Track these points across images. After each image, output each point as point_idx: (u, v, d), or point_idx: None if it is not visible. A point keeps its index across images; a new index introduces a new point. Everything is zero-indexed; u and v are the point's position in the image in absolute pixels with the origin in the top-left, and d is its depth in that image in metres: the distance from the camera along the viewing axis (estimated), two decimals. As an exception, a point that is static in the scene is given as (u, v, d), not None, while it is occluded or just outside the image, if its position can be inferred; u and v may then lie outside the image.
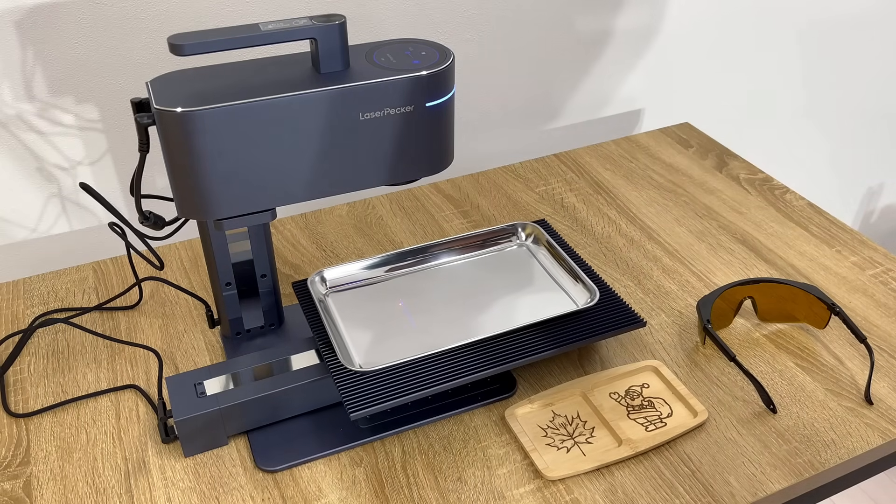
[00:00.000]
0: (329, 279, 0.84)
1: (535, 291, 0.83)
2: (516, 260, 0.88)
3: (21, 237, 1.00)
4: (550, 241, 0.88)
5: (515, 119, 1.24)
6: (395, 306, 0.81)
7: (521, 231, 0.90)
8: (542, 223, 0.92)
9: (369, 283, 0.85)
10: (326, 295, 0.83)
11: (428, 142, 0.73)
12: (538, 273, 0.86)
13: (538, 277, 0.85)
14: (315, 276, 0.83)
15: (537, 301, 0.82)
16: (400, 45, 0.74)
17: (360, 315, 0.80)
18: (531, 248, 0.89)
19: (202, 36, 0.64)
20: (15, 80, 0.90)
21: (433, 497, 0.69)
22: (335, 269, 0.84)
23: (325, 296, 0.83)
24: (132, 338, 0.86)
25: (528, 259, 0.88)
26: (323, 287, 0.83)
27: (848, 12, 1.46)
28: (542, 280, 0.85)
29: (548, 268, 0.86)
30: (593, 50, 1.23)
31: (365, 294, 0.83)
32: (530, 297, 0.82)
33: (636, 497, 0.69)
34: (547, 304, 0.81)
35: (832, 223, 1.03)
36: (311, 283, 0.82)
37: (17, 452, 0.74)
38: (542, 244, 0.89)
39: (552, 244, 0.87)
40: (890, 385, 0.79)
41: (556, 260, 0.86)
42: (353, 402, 0.69)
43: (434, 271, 0.86)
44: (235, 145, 0.66)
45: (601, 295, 0.81)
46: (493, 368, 0.73)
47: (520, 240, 0.90)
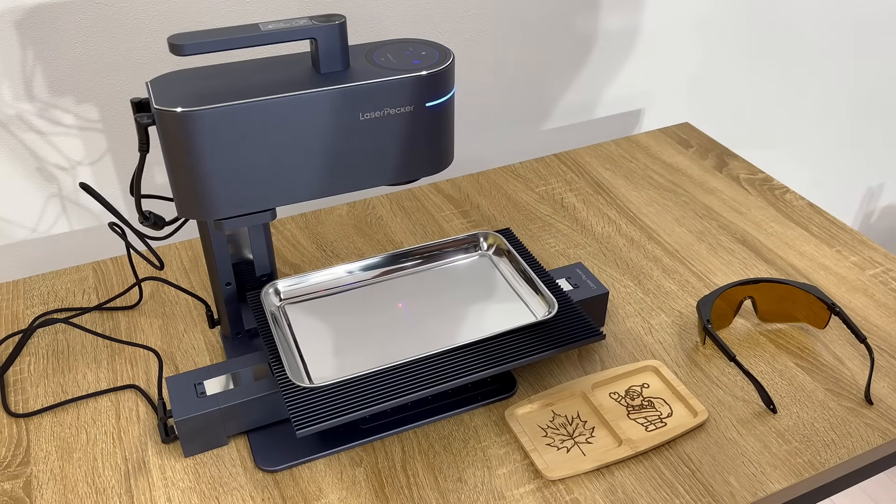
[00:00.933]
0: (285, 290, 0.82)
1: (494, 303, 0.81)
2: (478, 270, 0.85)
3: (21, 237, 1.00)
4: (512, 251, 0.85)
5: (515, 119, 1.24)
6: (352, 317, 0.79)
7: (483, 241, 0.88)
8: (506, 232, 0.89)
9: (328, 294, 0.82)
10: (282, 307, 0.81)
11: (428, 142, 0.73)
12: (499, 284, 0.83)
13: (499, 288, 0.83)
14: (269, 287, 0.81)
15: (496, 313, 0.80)
16: (400, 45, 0.74)
17: (316, 327, 0.78)
18: (493, 258, 0.87)
19: (202, 36, 0.64)
20: (15, 80, 0.90)
21: (433, 497, 0.69)
22: (291, 280, 0.82)
23: (279, 308, 0.81)
24: (132, 338, 0.86)
25: (489, 269, 0.85)
26: (277, 299, 0.81)
27: (848, 12, 1.46)
28: (502, 291, 0.82)
29: (509, 278, 0.84)
30: (593, 50, 1.23)
31: (323, 305, 0.81)
32: (489, 308, 0.80)
33: (636, 497, 0.69)
34: (506, 316, 0.79)
35: (832, 223, 1.03)
36: (263, 294, 0.80)
37: (17, 452, 0.74)
38: (504, 254, 0.86)
39: (513, 254, 0.85)
40: (890, 385, 0.79)
41: (517, 270, 0.84)
42: (301, 418, 0.67)
43: (394, 282, 0.84)
44: (235, 145, 0.66)
45: (560, 307, 0.78)
46: (447, 383, 0.70)
47: (482, 250, 0.88)
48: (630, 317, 0.88)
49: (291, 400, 0.68)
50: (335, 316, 0.80)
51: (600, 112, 1.31)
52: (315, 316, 0.80)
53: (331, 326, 0.78)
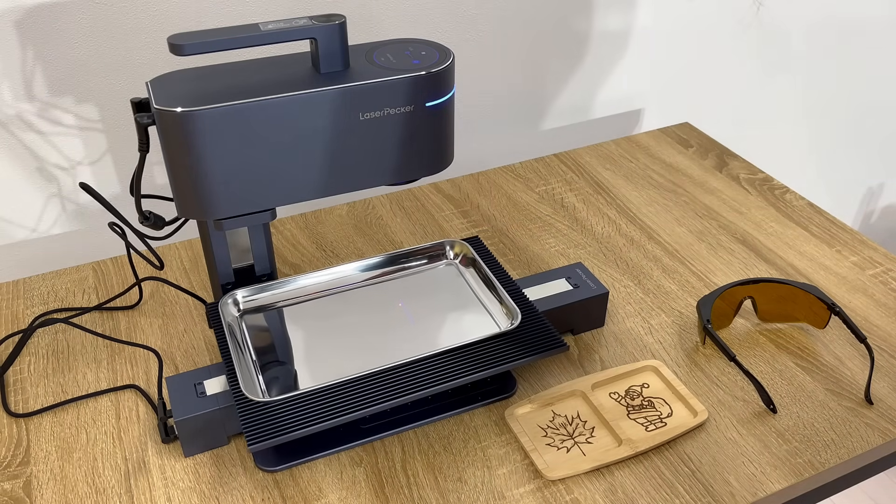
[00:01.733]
0: (245, 300, 0.80)
1: (459, 313, 0.79)
2: (444, 279, 0.84)
3: (21, 237, 1.00)
4: (478, 261, 0.84)
5: (515, 119, 1.24)
6: (313, 329, 0.77)
7: (449, 249, 0.86)
8: (474, 240, 0.87)
9: (289, 304, 0.81)
10: (241, 317, 0.79)
11: (428, 142, 0.73)
12: (464, 293, 0.82)
13: (464, 298, 0.81)
14: (227, 297, 0.79)
15: (460, 323, 0.78)
16: (400, 45, 0.74)
17: (274, 339, 0.77)
18: (460, 267, 0.85)
19: (202, 36, 0.65)
20: (15, 80, 0.90)
21: (433, 497, 0.69)
22: (251, 290, 0.80)
23: (238, 318, 0.79)
24: (132, 338, 0.86)
25: (455, 279, 0.84)
26: (236, 309, 0.79)
27: (848, 13, 1.46)
28: (467, 301, 0.81)
29: (474, 288, 0.82)
30: (594, 49, 1.23)
31: (283, 316, 0.79)
32: (453, 318, 0.79)
33: (636, 497, 0.69)
34: (470, 327, 0.78)
35: (832, 223, 1.03)
36: (222, 305, 0.78)
37: (17, 452, 0.74)
38: (471, 263, 0.85)
39: (479, 263, 0.84)
40: (890, 385, 0.79)
41: (482, 280, 0.83)
42: (254, 433, 0.66)
43: (359, 291, 0.83)
44: (235, 145, 0.66)
45: (523, 317, 0.77)
46: (405, 396, 0.69)
47: (449, 258, 0.86)
48: (630, 317, 0.88)
49: (245, 414, 0.67)
50: (295, 327, 0.78)
51: (600, 112, 1.31)
52: (274, 327, 0.78)
53: (290, 338, 0.77)
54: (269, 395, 0.71)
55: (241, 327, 0.78)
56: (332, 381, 0.70)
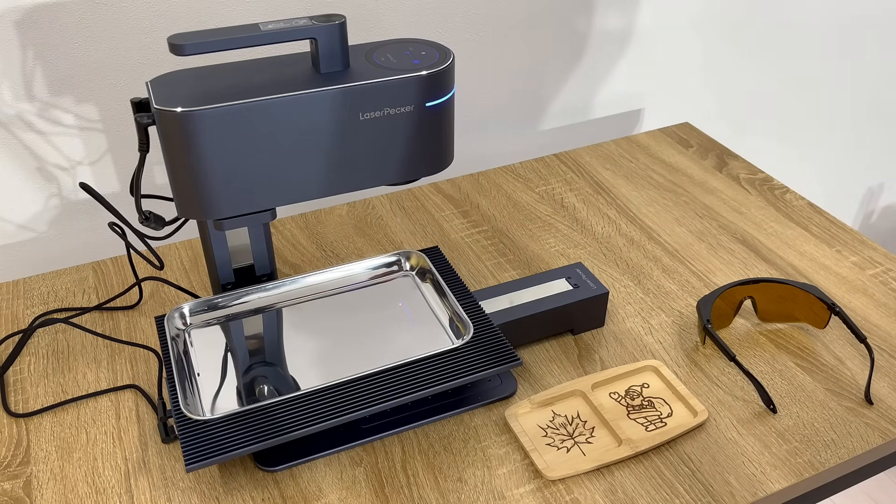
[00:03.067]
0: (193, 313, 0.79)
1: (412, 326, 0.78)
2: (400, 291, 0.83)
3: (21, 237, 1.00)
4: (433, 272, 0.83)
5: (515, 119, 1.24)
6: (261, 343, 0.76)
7: (404, 261, 0.86)
8: (434, 251, 0.87)
9: (238, 318, 0.80)
10: (188, 330, 0.78)
11: (428, 142, 0.73)
12: (419, 306, 0.81)
13: (418, 311, 0.80)
14: (174, 311, 0.77)
15: (412, 337, 0.77)
16: (400, 45, 0.74)
17: (221, 353, 0.75)
18: (416, 279, 0.84)
19: (202, 36, 0.65)
20: (15, 80, 0.90)
21: (433, 497, 0.69)
22: (199, 302, 0.79)
23: (185, 331, 0.78)
24: (132, 338, 0.86)
25: (411, 291, 0.83)
26: (181, 322, 0.78)
27: (848, 13, 1.46)
28: (422, 314, 0.80)
29: (430, 300, 0.81)
30: (594, 49, 1.23)
31: (232, 330, 0.78)
32: (406, 332, 0.78)
33: (636, 497, 0.69)
34: (422, 341, 0.77)
35: (832, 223, 1.03)
36: (168, 318, 0.77)
37: (17, 452, 0.74)
38: (427, 275, 0.84)
39: (435, 276, 0.83)
40: (890, 385, 0.79)
41: (437, 292, 0.82)
42: (193, 452, 0.65)
43: (312, 304, 0.81)
44: (235, 145, 0.66)
45: (477, 331, 0.76)
46: (351, 414, 0.68)
47: (405, 270, 0.85)
48: (630, 317, 0.88)
49: (185, 433, 0.66)
50: (243, 341, 0.77)
51: (600, 112, 1.31)
52: (221, 341, 0.77)
53: (237, 353, 0.76)
54: (212, 412, 0.70)
55: (186, 342, 0.77)
56: (273, 400, 0.69)
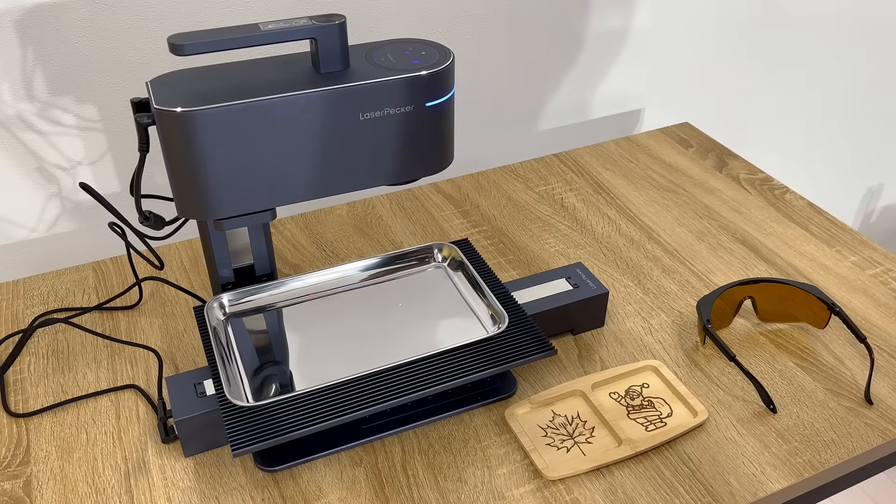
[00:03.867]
0: (231, 304, 0.80)
1: (447, 316, 0.79)
2: (432, 283, 0.83)
3: (21, 237, 1.00)
4: (465, 264, 0.84)
5: (515, 119, 1.24)
6: (299, 332, 0.77)
7: (437, 252, 0.86)
8: (463, 243, 0.87)
9: (276, 308, 0.80)
10: (227, 321, 0.79)
11: (428, 142, 0.73)
12: (452, 297, 0.81)
13: (452, 301, 0.81)
14: (213, 301, 0.79)
15: (447, 327, 0.78)
16: (400, 45, 0.74)
17: (260, 343, 0.76)
18: (448, 270, 0.85)
19: (202, 36, 0.64)
20: (15, 79, 0.90)
21: (433, 497, 0.69)
22: (237, 294, 0.80)
23: (224, 321, 0.78)
24: (132, 338, 0.86)
25: (443, 282, 0.83)
26: (221, 313, 0.79)
27: (848, 13, 1.46)
28: (455, 304, 0.80)
29: (462, 291, 0.82)
30: (593, 50, 1.23)
31: (269, 320, 0.79)
32: (441, 322, 0.78)
33: (636, 497, 0.69)
34: (457, 330, 0.77)
35: (832, 223, 1.03)
36: (207, 309, 0.78)
37: (17, 452, 0.74)
38: (459, 266, 0.85)
39: (467, 266, 0.83)
40: (890, 385, 0.79)
41: (470, 283, 0.83)
42: (238, 438, 0.66)
43: (346, 295, 0.82)
44: (235, 145, 0.66)
45: (512, 321, 0.77)
46: (388, 402, 0.69)
47: (436, 261, 0.86)
48: (630, 317, 0.88)
49: (230, 419, 0.67)
50: (281, 331, 0.78)
51: (600, 112, 1.31)
52: (260, 331, 0.78)
53: (276, 342, 0.77)
54: (254, 399, 0.71)
55: (227, 331, 0.78)
56: (316, 386, 0.70)
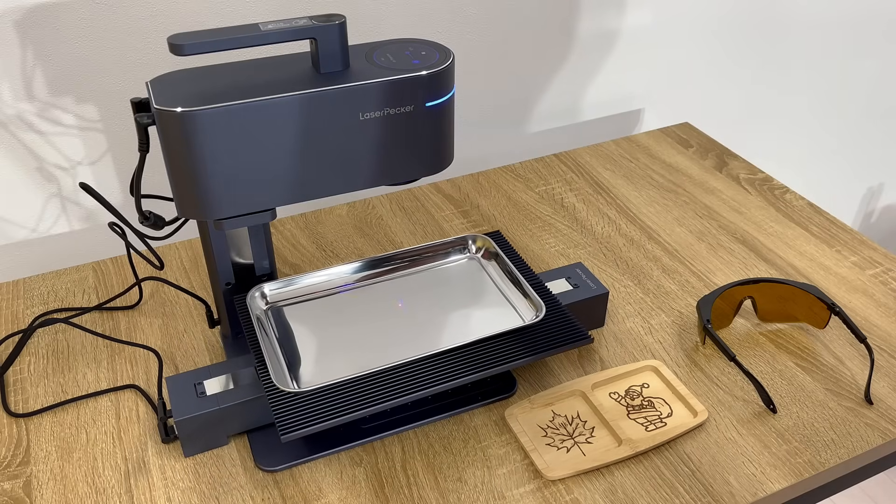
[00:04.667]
0: (272, 294, 0.81)
1: (482, 306, 0.80)
2: (466, 274, 0.85)
3: (21, 237, 1.00)
4: (500, 255, 0.85)
5: (515, 119, 1.24)
6: (338, 321, 0.78)
7: (471, 243, 0.87)
8: (496, 235, 0.88)
9: (314, 298, 0.82)
10: (268, 310, 0.80)
11: (428, 142, 0.73)
12: (487, 287, 0.83)
13: (487, 292, 0.82)
14: (255, 290, 0.80)
15: (484, 316, 0.79)
16: (400, 45, 0.74)
17: (301, 331, 0.78)
18: (482, 261, 0.86)
19: (202, 36, 0.64)
20: (15, 79, 0.90)
21: (433, 497, 0.69)
22: (278, 284, 0.81)
23: (265, 311, 0.80)
24: (132, 338, 0.86)
25: (478, 272, 0.85)
26: (263, 302, 0.80)
27: (848, 12, 1.46)
28: (490, 295, 0.82)
29: (497, 282, 0.83)
30: (593, 50, 1.23)
31: (309, 309, 0.80)
32: (477, 312, 0.80)
33: (636, 497, 0.69)
34: (494, 320, 0.79)
35: (832, 223, 1.03)
36: (250, 298, 0.79)
37: (17, 452, 0.74)
38: (493, 257, 0.86)
39: (502, 257, 0.84)
40: (890, 385, 0.79)
41: (505, 273, 0.84)
42: (286, 423, 0.67)
43: (382, 285, 0.83)
44: (235, 145, 0.66)
45: (548, 310, 0.77)
46: (431, 388, 0.70)
47: (470, 252, 0.87)
48: (630, 317, 0.88)
49: (277, 405, 0.68)
50: (321, 320, 0.79)
51: (600, 112, 1.31)
52: (301, 320, 0.79)
53: (316, 330, 0.78)
54: (298, 386, 0.72)
55: (269, 320, 0.79)
56: (362, 372, 0.71)
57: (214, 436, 0.73)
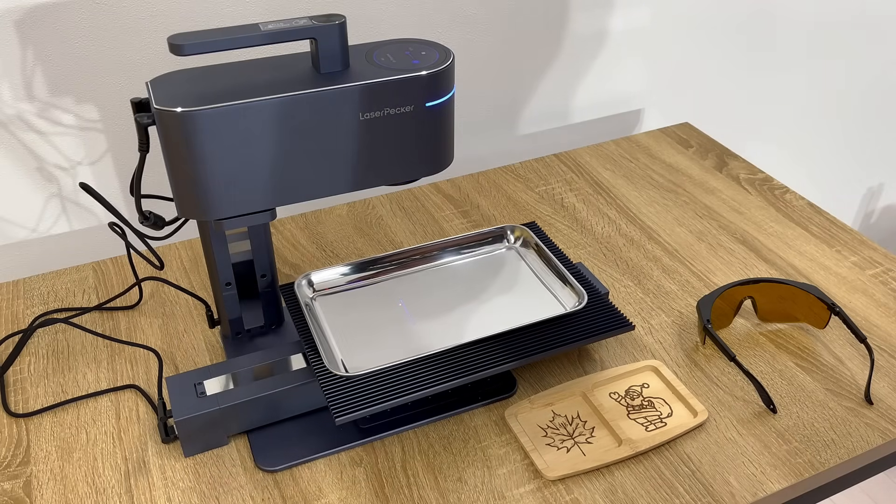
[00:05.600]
0: (316, 282, 0.83)
1: (523, 295, 0.82)
2: (505, 263, 0.87)
3: (21, 237, 1.00)
4: (539, 244, 0.87)
5: (515, 119, 1.24)
6: (382, 309, 0.81)
7: (510, 234, 0.90)
8: (532, 225, 0.91)
9: (357, 287, 0.84)
10: (314, 298, 0.82)
11: (428, 142, 0.73)
12: (527, 276, 0.85)
13: (527, 281, 0.84)
14: (301, 279, 0.82)
15: (526, 304, 0.81)
16: (400, 45, 0.74)
17: (347, 318, 0.80)
18: (520, 250, 0.88)
19: (202, 36, 0.64)
20: (15, 80, 0.90)
21: (433, 497, 0.69)
22: (323, 273, 0.83)
23: (312, 299, 0.82)
24: (132, 338, 0.86)
25: (516, 262, 0.87)
26: (310, 290, 0.83)
27: (849, 12, 1.46)
28: (530, 283, 0.84)
29: (537, 271, 0.85)
30: (593, 50, 1.23)
31: (353, 297, 0.83)
32: (519, 300, 0.82)
33: (636, 497, 0.69)
34: (535, 308, 0.80)
35: (832, 223, 1.03)
36: (297, 286, 0.82)
37: (17, 452, 0.74)
38: (531, 247, 0.88)
39: (541, 247, 0.86)
40: (890, 385, 0.79)
41: (544, 263, 0.86)
42: (339, 406, 0.69)
43: (422, 274, 0.86)
44: (235, 145, 0.66)
45: (589, 298, 0.80)
46: (479, 373, 0.72)
47: (509, 242, 0.89)
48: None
49: (329, 388, 0.70)
50: (364, 308, 0.81)
51: (600, 112, 1.31)
52: (345, 307, 0.81)
53: (360, 318, 0.80)
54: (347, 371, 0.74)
55: (315, 308, 0.81)
56: (411, 357, 0.73)
57: (214, 436, 0.73)
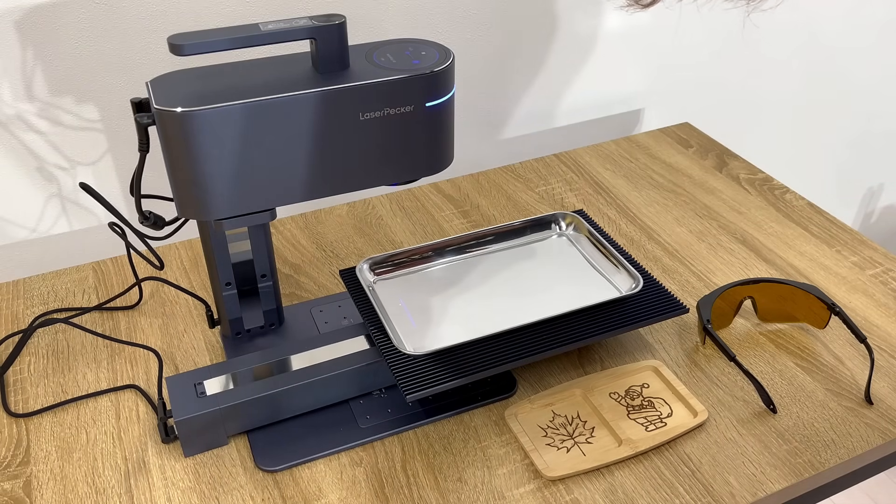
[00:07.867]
0: (378, 267, 0.86)
1: (578, 279, 0.85)
2: (558, 249, 0.89)
3: (21, 237, 1.00)
4: (591, 231, 0.89)
5: (515, 119, 1.24)
6: (439, 294, 0.82)
7: (561, 220, 0.92)
8: (581, 213, 0.93)
9: (413, 272, 0.86)
10: (374, 282, 0.84)
11: (428, 142, 0.73)
12: (580, 262, 0.87)
13: (580, 266, 0.86)
14: (363, 263, 0.84)
15: (581, 288, 0.83)
16: (400, 45, 0.74)
17: (405, 302, 0.82)
18: (571, 237, 0.90)
19: (202, 36, 0.64)
20: (15, 80, 0.90)
21: (433, 497, 0.69)
22: (379, 258, 0.86)
23: (373, 283, 0.84)
24: (132, 338, 0.86)
25: (569, 248, 0.89)
26: (371, 275, 0.85)
27: (849, 12, 1.46)
28: (584, 268, 0.86)
29: (589, 256, 0.87)
30: (594, 49, 1.23)
31: (409, 282, 0.85)
32: (574, 284, 0.84)
33: (636, 497, 0.69)
34: (591, 292, 0.83)
35: (832, 223, 1.03)
36: (359, 270, 0.84)
37: (17, 452, 0.74)
38: (583, 233, 0.90)
39: (592, 233, 0.89)
40: (890, 385, 0.79)
41: (597, 249, 0.88)
42: (408, 384, 0.71)
43: (476, 260, 0.88)
44: (235, 145, 0.66)
45: (644, 282, 0.82)
46: (542, 353, 0.74)
47: (560, 229, 0.92)
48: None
49: (397, 367, 0.72)
50: (423, 292, 0.83)
51: (600, 112, 1.31)
52: (404, 291, 0.84)
53: (420, 301, 0.82)
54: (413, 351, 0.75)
55: (375, 292, 0.83)
56: (476, 336, 0.75)
57: (214, 436, 0.73)
